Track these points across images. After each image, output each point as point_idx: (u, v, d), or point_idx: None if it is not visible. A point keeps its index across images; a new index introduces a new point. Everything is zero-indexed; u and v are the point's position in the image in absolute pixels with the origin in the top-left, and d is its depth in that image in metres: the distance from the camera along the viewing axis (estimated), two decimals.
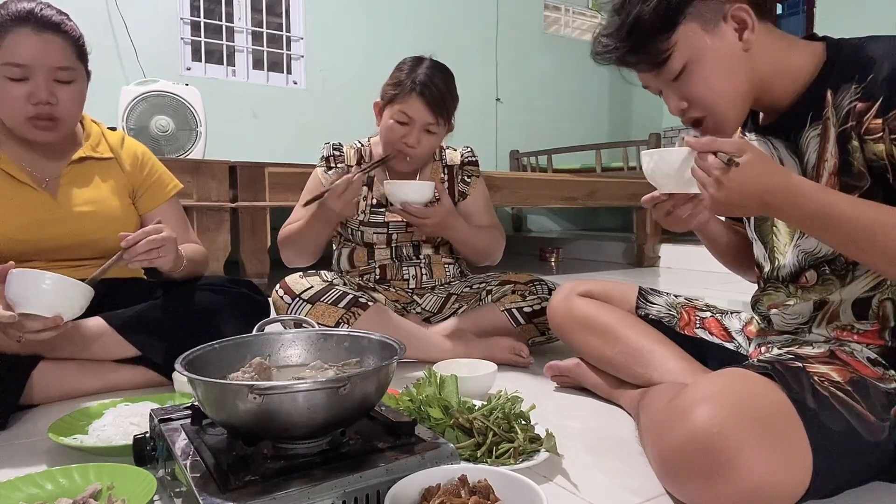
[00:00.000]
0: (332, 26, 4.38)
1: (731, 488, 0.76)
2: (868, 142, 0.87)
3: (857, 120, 0.88)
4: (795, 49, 0.96)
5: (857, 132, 0.89)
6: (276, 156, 3.35)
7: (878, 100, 0.86)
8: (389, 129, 1.64)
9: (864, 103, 0.88)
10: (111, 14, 3.61)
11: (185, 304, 1.41)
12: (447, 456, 0.83)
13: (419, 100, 1.59)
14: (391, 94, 1.64)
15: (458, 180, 1.82)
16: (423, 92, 1.59)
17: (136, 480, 0.85)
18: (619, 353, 1.26)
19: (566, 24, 5.80)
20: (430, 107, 1.60)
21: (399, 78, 1.63)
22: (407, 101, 1.60)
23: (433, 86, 1.60)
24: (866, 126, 0.87)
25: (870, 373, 0.88)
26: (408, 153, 1.65)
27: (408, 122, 1.62)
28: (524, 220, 5.45)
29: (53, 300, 1.14)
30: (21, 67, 1.26)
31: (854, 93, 0.89)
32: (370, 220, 1.76)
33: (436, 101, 1.60)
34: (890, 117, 0.85)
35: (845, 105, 0.90)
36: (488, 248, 1.78)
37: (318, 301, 1.56)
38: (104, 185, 1.45)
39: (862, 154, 0.89)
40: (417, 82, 1.60)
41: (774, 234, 1.06)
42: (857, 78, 0.89)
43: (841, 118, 0.90)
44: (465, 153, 1.85)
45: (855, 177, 0.90)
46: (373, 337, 0.97)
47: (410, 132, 1.62)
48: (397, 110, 1.62)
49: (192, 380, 0.78)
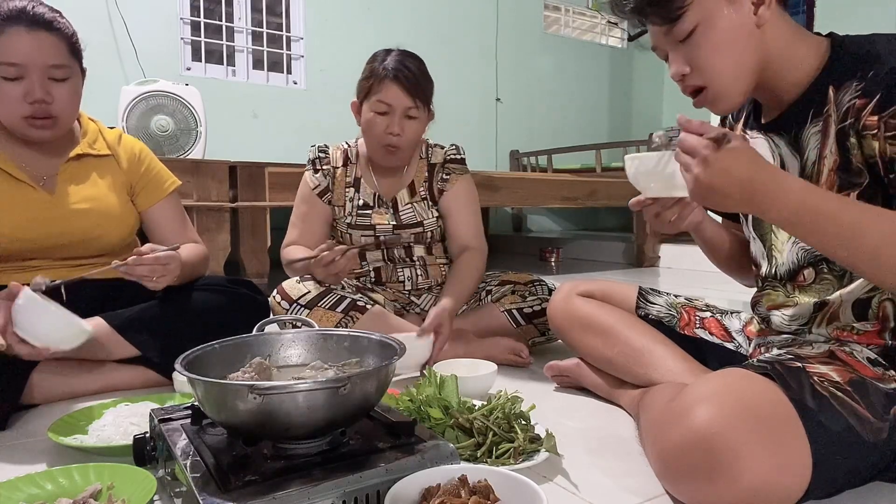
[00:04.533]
0: (332, 26, 4.38)
1: (730, 488, 0.76)
2: (866, 138, 0.87)
3: (856, 116, 0.88)
4: (804, 40, 0.96)
5: (855, 129, 0.88)
6: (276, 156, 3.35)
7: (875, 96, 0.86)
8: (370, 123, 1.64)
9: (862, 100, 0.87)
10: (111, 14, 3.61)
11: (185, 304, 1.41)
12: (447, 456, 0.83)
13: (394, 84, 1.59)
14: (366, 86, 1.64)
15: (438, 178, 1.78)
16: (398, 76, 1.59)
17: (136, 480, 0.85)
18: (619, 353, 1.26)
19: (566, 24, 5.80)
20: (406, 90, 1.60)
21: (371, 69, 1.64)
22: (382, 88, 1.60)
23: (406, 69, 1.61)
24: (863, 122, 0.87)
25: (870, 373, 0.88)
26: (393, 143, 1.64)
27: (387, 110, 1.61)
28: (524, 220, 5.46)
29: (48, 334, 1.14)
30: (15, 67, 1.25)
31: (855, 90, 0.88)
32: (357, 222, 1.75)
33: (411, 84, 1.61)
34: (886, 115, 0.84)
35: (846, 102, 0.89)
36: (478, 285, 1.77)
37: (315, 306, 1.56)
38: (102, 183, 1.45)
39: (860, 151, 0.89)
40: (390, 68, 1.60)
41: (773, 230, 1.06)
42: (858, 75, 0.88)
43: (841, 115, 0.90)
44: (450, 151, 1.81)
45: (854, 174, 0.90)
46: (373, 337, 0.97)
47: (392, 121, 1.62)
48: (375, 101, 1.62)
49: (192, 380, 0.78)
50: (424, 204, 1.78)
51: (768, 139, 1.03)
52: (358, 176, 1.77)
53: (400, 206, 1.76)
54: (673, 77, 0.97)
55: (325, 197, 1.76)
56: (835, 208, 0.81)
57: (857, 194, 0.90)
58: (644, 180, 0.96)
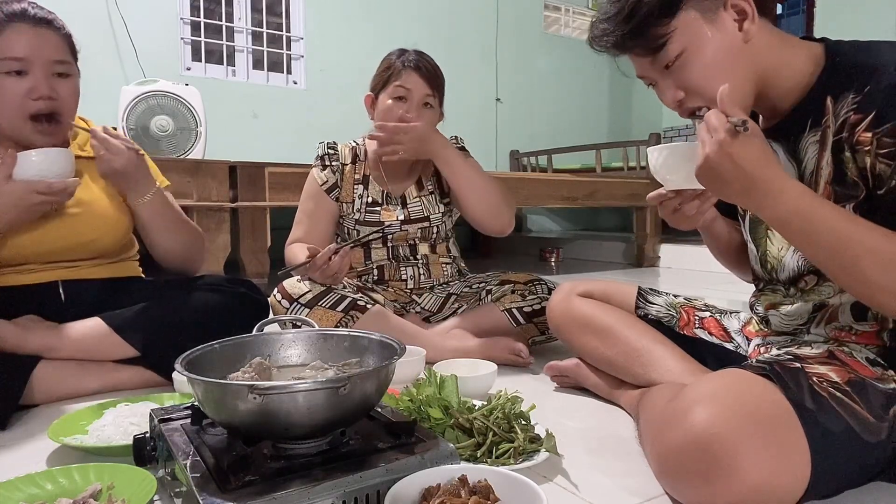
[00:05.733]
0: (332, 26, 4.38)
1: (729, 489, 0.76)
2: (860, 153, 0.87)
3: (850, 131, 0.88)
4: (794, 48, 0.96)
5: (849, 143, 0.88)
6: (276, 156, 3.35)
7: (871, 113, 0.85)
8: (388, 110, 1.68)
9: (857, 115, 0.87)
10: (111, 14, 3.61)
11: (185, 304, 1.41)
12: (447, 456, 0.83)
13: (415, 73, 1.67)
14: (384, 77, 1.70)
15: None
16: (418, 65, 1.68)
17: (136, 480, 0.85)
18: (619, 353, 1.26)
19: (566, 24, 5.80)
20: (426, 79, 1.67)
21: (389, 63, 1.70)
22: (403, 76, 1.67)
23: (425, 61, 1.69)
24: (857, 138, 0.87)
25: (868, 373, 0.88)
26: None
27: (405, 95, 1.67)
28: (524, 220, 5.45)
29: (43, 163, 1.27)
30: (20, 61, 1.27)
31: (851, 102, 0.88)
32: (365, 218, 1.76)
33: (430, 74, 1.68)
34: (880, 132, 0.84)
35: (842, 115, 0.89)
36: (494, 191, 1.70)
37: (316, 305, 1.56)
38: (94, 186, 1.44)
39: (855, 164, 0.89)
40: (411, 59, 1.68)
41: (769, 238, 1.06)
42: (856, 87, 0.88)
43: (837, 127, 0.90)
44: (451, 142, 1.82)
45: (849, 186, 0.90)
46: (373, 337, 0.97)
47: (410, 108, 1.67)
48: (393, 87, 1.67)
49: (192, 380, 0.78)
50: (432, 198, 1.81)
51: None
52: (366, 174, 1.79)
53: (408, 201, 1.79)
54: (668, 105, 0.98)
55: (332, 193, 1.77)
56: (825, 216, 0.82)
57: (853, 206, 0.90)
58: (667, 171, 0.96)
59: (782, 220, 0.84)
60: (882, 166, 0.85)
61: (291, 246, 1.74)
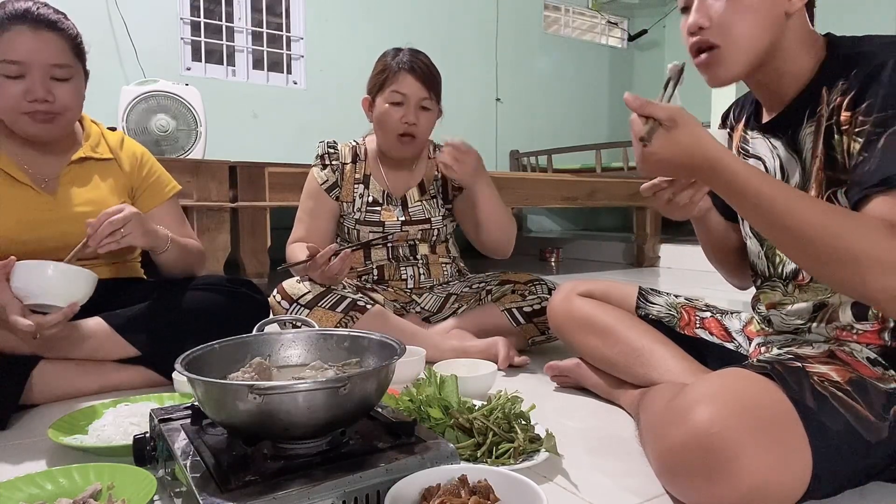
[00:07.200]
0: (332, 26, 4.38)
1: (730, 488, 0.75)
2: (842, 134, 0.89)
3: (837, 114, 0.90)
4: (811, 46, 0.96)
5: (837, 126, 0.90)
6: (276, 156, 3.35)
7: (851, 93, 0.87)
8: (385, 114, 1.68)
9: (842, 97, 0.89)
10: (111, 14, 3.61)
11: (185, 304, 1.41)
12: (447, 456, 0.83)
13: (410, 75, 1.66)
14: (380, 80, 1.69)
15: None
16: (413, 67, 1.66)
17: (136, 480, 0.85)
18: (619, 353, 1.26)
19: (566, 24, 5.80)
20: (421, 81, 1.66)
21: (384, 64, 1.69)
22: (398, 79, 1.66)
23: (419, 62, 1.68)
24: (838, 118, 0.89)
25: (869, 373, 0.88)
26: (409, 132, 1.68)
27: (402, 100, 1.66)
28: (524, 220, 5.45)
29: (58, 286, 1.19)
30: (17, 65, 1.26)
31: (840, 88, 0.90)
32: (366, 218, 1.76)
33: (426, 75, 1.67)
34: (858, 111, 0.86)
35: (833, 101, 0.91)
36: (511, 226, 1.75)
37: (315, 306, 1.56)
38: (103, 186, 1.45)
39: (842, 147, 0.90)
40: (405, 61, 1.67)
41: None
42: (845, 74, 0.90)
43: (829, 113, 0.92)
44: None
45: (840, 170, 0.91)
46: (373, 337, 0.97)
47: (407, 111, 1.66)
48: (389, 92, 1.66)
49: (192, 380, 0.78)
50: (434, 202, 1.81)
51: (766, 140, 1.03)
52: (367, 173, 1.79)
53: (409, 204, 1.78)
54: (690, 27, 0.95)
55: (332, 192, 1.77)
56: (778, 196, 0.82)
57: (844, 191, 0.90)
58: None
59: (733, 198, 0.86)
60: (854, 144, 0.86)
61: (292, 245, 1.74)
